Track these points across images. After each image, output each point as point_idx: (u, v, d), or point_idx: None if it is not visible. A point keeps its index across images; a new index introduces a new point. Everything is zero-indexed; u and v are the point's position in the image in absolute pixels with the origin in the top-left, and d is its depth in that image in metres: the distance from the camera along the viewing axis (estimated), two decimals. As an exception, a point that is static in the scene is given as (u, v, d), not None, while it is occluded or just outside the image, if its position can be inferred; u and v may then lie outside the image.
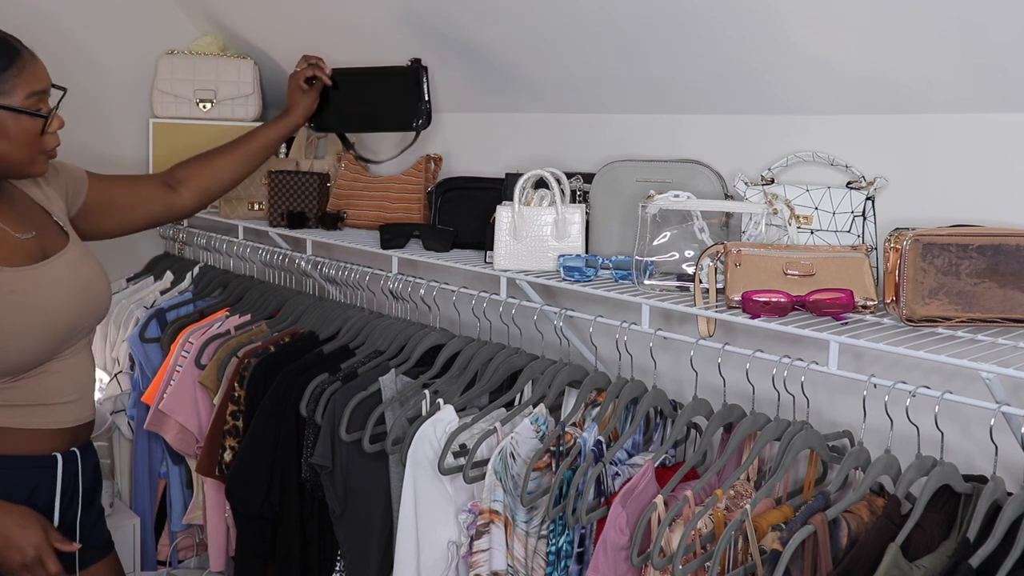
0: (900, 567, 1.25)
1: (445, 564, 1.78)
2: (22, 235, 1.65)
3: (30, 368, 1.63)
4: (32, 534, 1.57)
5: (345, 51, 2.73)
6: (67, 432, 1.72)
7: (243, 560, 2.21)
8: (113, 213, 1.96)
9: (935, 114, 1.66)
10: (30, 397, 1.65)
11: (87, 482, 1.78)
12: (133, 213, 2.02)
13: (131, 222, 2.03)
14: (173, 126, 3.00)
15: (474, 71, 2.40)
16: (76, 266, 1.71)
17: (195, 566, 2.80)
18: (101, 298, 1.75)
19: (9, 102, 1.59)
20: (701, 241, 1.78)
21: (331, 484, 1.97)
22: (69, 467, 1.72)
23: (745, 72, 1.85)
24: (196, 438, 2.40)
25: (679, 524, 1.47)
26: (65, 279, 1.66)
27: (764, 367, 1.58)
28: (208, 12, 3.12)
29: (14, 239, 1.63)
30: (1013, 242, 1.44)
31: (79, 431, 1.76)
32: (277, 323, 2.46)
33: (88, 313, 1.72)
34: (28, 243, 1.65)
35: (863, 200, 1.73)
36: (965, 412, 1.56)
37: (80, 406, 1.74)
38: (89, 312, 1.72)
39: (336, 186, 2.67)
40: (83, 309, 1.70)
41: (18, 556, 1.56)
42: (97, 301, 1.74)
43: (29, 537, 1.57)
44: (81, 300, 1.69)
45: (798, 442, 1.50)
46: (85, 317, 1.72)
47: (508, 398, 1.89)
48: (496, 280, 2.01)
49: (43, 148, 1.66)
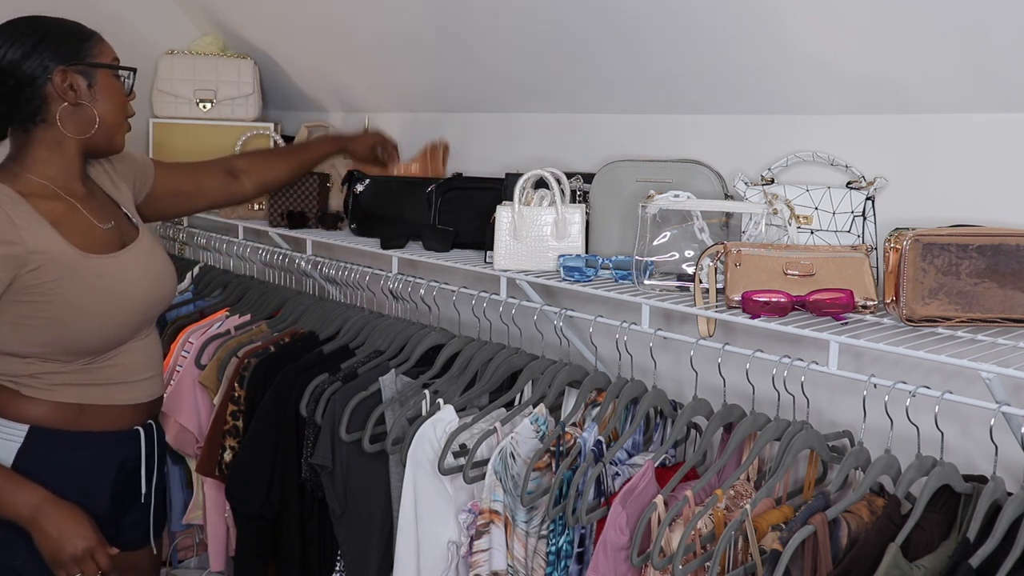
0: (900, 567, 1.25)
1: (445, 564, 1.78)
2: (105, 225, 1.74)
3: (112, 348, 1.71)
4: (84, 529, 1.63)
5: (345, 51, 2.74)
6: (145, 407, 1.81)
7: (243, 560, 2.21)
8: (177, 200, 2.08)
9: (935, 114, 1.66)
10: (113, 376, 1.73)
11: (160, 451, 1.88)
12: (195, 199, 2.15)
13: (192, 207, 2.20)
14: (173, 126, 3.00)
15: (474, 71, 2.40)
16: (148, 255, 1.80)
17: (195, 566, 2.80)
18: (170, 283, 1.85)
19: (104, 61, 1.72)
20: (701, 241, 1.78)
21: (331, 484, 1.97)
22: (149, 439, 1.82)
23: (745, 72, 1.85)
24: (196, 438, 2.40)
25: (679, 524, 1.47)
26: (139, 267, 1.75)
27: (764, 367, 1.58)
28: (208, 12, 3.12)
29: (99, 229, 1.72)
30: (1013, 242, 1.44)
31: (153, 405, 1.85)
32: (277, 323, 2.46)
33: (161, 298, 1.82)
34: (109, 233, 1.74)
35: (863, 200, 1.73)
36: (965, 412, 1.56)
37: (155, 382, 1.84)
38: (161, 296, 1.82)
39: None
40: (157, 294, 1.79)
41: (70, 549, 1.62)
42: (168, 286, 1.84)
43: (82, 532, 1.63)
44: (153, 285, 1.78)
45: (798, 442, 1.50)
46: (158, 301, 1.81)
47: (508, 398, 1.89)
48: (496, 280, 2.01)
49: (128, 112, 1.79)
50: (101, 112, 1.71)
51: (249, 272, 2.80)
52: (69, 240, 1.63)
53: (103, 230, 1.73)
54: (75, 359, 1.67)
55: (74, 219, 1.68)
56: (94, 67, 1.70)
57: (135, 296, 1.73)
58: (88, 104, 1.69)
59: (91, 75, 1.70)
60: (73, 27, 1.72)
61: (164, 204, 2.03)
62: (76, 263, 1.63)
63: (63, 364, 1.66)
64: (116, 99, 1.75)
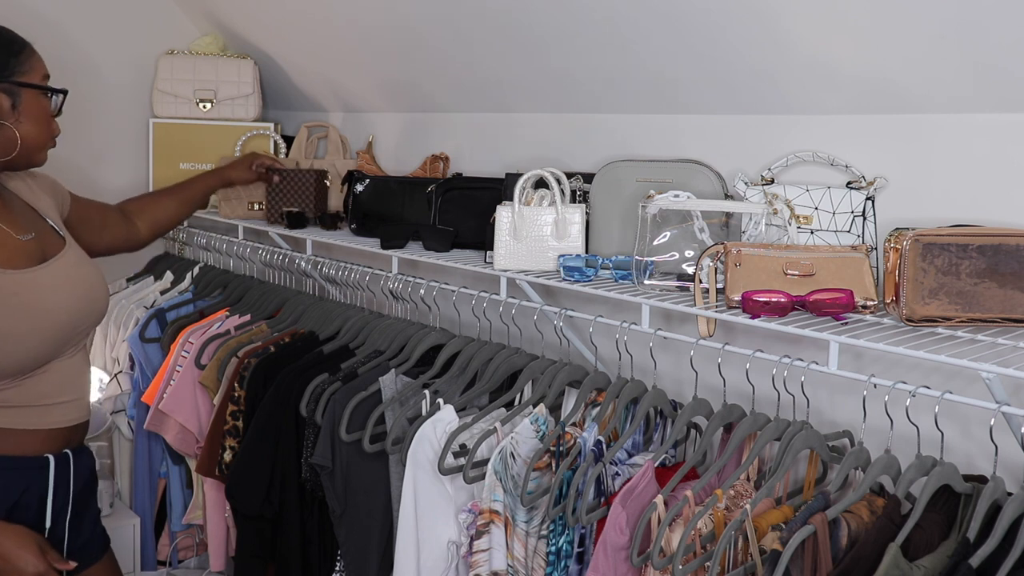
0: (900, 567, 1.25)
1: (445, 564, 1.78)
2: (22, 236, 1.66)
3: (31, 369, 1.63)
4: (31, 555, 1.57)
5: (346, 51, 2.74)
6: (61, 433, 1.72)
7: (243, 560, 2.21)
8: (86, 232, 1.95)
9: (935, 114, 1.66)
10: (29, 397, 1.65)
11: (79, 484, 1.77)
12: (101, 235, 2.03)
13: (96, 244, 2.01)
14: (173, 126, 3.00)
15: (474, 71, 2.40)
16: (75, 268, 1.72)
17: (195, 566, 2.80)
18: (100, 300, 1.76)
19: (32, 80, 1.64)
20: (701, 241, 1.78)
21: (331, 484, 1.97)
22: (61, 469, 1.72)
23: (745, 72, 1.85)
24: (196, 438, 2.40)
25: (679, 524, 1.47)
26: (65, 281, 1.67)
27: (764, 367, 1.58)
28: (208, 12, 3.12)
29: (15, 241, 1.64)
30: (1013, 242, 1.44)
31: (73, 432, 1.76)
32: (277, 323, 2.46)
33: (87, 314, 1.73)
34: (28, 244, 1.66)
35: (863, 200, 1.73)
36: (965, 412, 1.56)
37: (76, 407, 1.75)
38: (88, 313, 1.73)
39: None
40: (83, 311, 1.70)
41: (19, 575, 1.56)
42: (96, 303, 1.75)
43: (29, 558, 1.57)
44: (81, 302, 1.70)
45: (798, 442, 1.50)
46: (84, 318, 1.72)
47: (508, 398, 1.89)
48: (496, 280, 2.01)
49: (53, 132, 1.71)
50: (24, 133, 1.63)
51: (249, 272, 2.80)
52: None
53: (20, 241, 1.63)
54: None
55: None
56: (20, 87, 1.61)
57: (57, 313, 1.63)
58: (10, 125, 1.61)
59: (16, 94, 1.61)
60: (4, 39, 1.63)
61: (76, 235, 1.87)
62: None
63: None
64: (42, 120, 1.66)
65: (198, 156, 2.99)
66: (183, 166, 2.99)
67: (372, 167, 2.72)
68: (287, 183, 2.62)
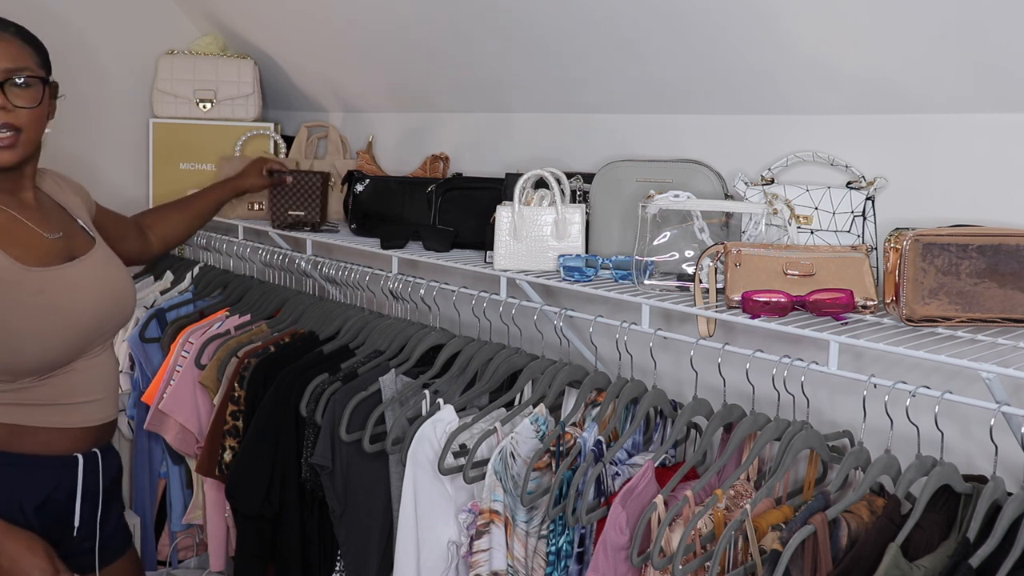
0: (900, 567, 1.25)
1: (445, 564, 1.78)
2: (50, 235, 1.66)
3: (55, 367, 1.63)
4: (39, 559, 1.58)
5: (345, 51, 2.73)
6: (90, 432, 1.73)
7: (243, 560, 2.21)
8: (106, 241, 1.94)
9: (935, 114, 1.66)
10: (55, 396, 1.65)
11: (107, 482, 1.79)
12: (118, 246, 2.00)
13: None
14: (173, 126, 3.00)
15: (474, 71, 2.40)
16: (102, 268, 1.72)
17: (195, 566, 2.80)
18: (126, 300, 1.77)
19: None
20: (701, 241, 1.78)
21: (331, 484, 1.97)
22: (90, 467, 1.73)
23: (745, 72, 1.85)
24: (196, 438, 2.40)
25: (679, 524, 1.47)
26: (91, 280, 1.67)
27: (764, 367, 1.58)
28: (208, 12, 3.12)
29: (43, 239, 1.64)
30: (1013, 242, 1.44)
31: (101, 431, 1.77)
32: (277, 323, 2.46)
33: (113, 315, 1.73)
34: (56, 243, 1.66)
35: (863, 200, 1.73)
36: (965, 412, 1.56)
37: (104, 405, 1.75)
38: (114, 314, 1.73)
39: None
40: (107, 311, 1.71)
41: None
42: (122, 303, 1.75)
43: (37, 562, 1.57)
44: (106, 302, 1.70)
45: (798, 442, 1.50)
46: (110, 319, 1.72)
47: (508, 398, 1.89)
48: (496, 280, 2.01)
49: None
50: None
51: (249, 272, 2.80)
52: (7, 252, 1.55)
53: (48, 240, 1.64)
54: (14, 379, 1.59)
55: (14, 230, 1.60)
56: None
57: (83, 312, 1.64)
58: None
59: None
60: None
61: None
62: (13, 277, 1.55)
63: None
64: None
65: (198, 156, 2.99)
66: (183, 166, 2.99)
67: (372, 167, 2.72)
68: (293, 185, 2.62)
